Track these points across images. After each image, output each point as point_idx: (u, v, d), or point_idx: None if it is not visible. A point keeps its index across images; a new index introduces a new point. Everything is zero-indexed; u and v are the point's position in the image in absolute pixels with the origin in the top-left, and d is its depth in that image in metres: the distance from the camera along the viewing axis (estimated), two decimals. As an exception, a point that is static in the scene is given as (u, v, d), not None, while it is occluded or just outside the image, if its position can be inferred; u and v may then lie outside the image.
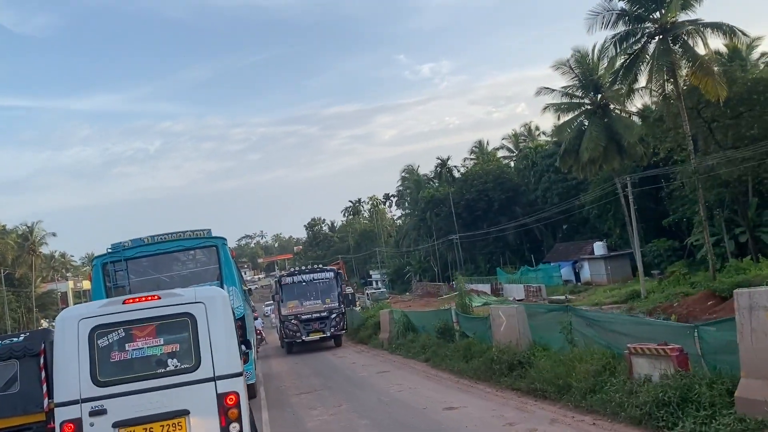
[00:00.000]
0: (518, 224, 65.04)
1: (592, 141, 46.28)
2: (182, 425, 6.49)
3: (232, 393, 6.64)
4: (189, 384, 6.61)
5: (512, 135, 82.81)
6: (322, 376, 19.42)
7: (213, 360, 6.69)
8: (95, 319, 6.64)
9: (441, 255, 74.17)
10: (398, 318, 25.22)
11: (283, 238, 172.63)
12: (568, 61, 48.87)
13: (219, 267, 13.67)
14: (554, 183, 64.15)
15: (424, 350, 20.29)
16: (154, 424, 6.43)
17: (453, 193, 69.77)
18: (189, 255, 14.52)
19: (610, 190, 55.20)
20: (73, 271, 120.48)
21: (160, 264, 13.91)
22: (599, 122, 47.38)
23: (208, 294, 7.16)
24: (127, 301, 6.90)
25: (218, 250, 13.70)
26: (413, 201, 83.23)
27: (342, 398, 14.55)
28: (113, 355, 6.62)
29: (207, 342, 6.72)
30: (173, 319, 6.82)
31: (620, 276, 52.56)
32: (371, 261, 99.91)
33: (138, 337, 6.68)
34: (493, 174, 67.76)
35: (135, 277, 13.05)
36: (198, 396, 6.59)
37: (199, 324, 6.77)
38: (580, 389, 10.17)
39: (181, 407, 6.52)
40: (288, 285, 29.17)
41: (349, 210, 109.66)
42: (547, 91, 49.85)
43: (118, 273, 12.81)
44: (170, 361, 6.70)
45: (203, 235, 13.64)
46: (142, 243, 13.31)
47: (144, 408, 6.45)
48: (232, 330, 7.06)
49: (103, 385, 6.46)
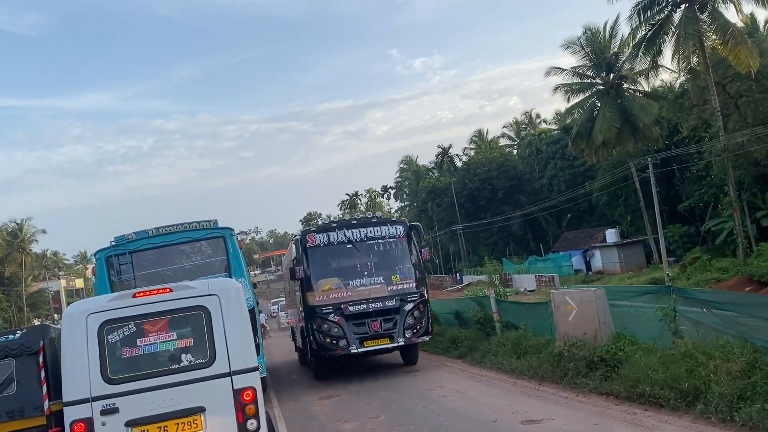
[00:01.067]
0: (523, 213, 62.34)
1: (605, 122, 43.60)
2: (198, 423, 6.13)
3: (248, 388, 6.28)
4: (204, 380, 6.23)
5: (513, 123, 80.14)
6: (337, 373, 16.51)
7: (228, 354, 6.30)
8: (105, 314, 6.27)
9: (443, 246, 71.35)
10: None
11: (279, 234, 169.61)
12: (579, 39, 46.23)
13: (227, 258, 12.94)
14: (561, 170, 61.45)
15: (456, 345, 17.51)
16: (168, 423, 6.06)
17: (455, 182, 66.89)
18: (195, 247, 13.86)
19: (621, 176, 52.70)
20: (65, 269, 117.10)
21: (166, 256, 13.32)
22: (613, 103, 44.68)
23: (222, 286, 6.70)
24: (137, 294, 6.49)
25: (226, 241, 12.97)
26: (412, 192, 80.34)
27: (377, 406, 11.69)
28: (124, 351, 6.26)
29: (222, 336, 6.31)
30: (186, 313, 6.44)
31: (634, 264, 49.89)
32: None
33: (150, 332, 6.31)
34: (497, 162, 64.93)
35: (140, 271, 12.50)
36: (214, 392, 6.21)
37: (214, 317, 6.37)
38: (722, 396, 7.36)
39: (197, 404, 6.16)
40: (320, 249, 15.21)
41: (346, 203, 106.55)
42: (557, 71, 47.21)
43: (122, 266, 12.19)
44: (184, 357, 6.32)
45: (210, 225, 13.00)
46: (146, 235, 12.62)
47: (158, 406, 6.08)
48: (247, 323, 6.59)
49: (115, 382, 6.10)
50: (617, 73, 45.41)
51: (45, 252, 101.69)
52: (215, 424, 6.17)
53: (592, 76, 46.82)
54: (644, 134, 44.17)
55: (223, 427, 6.18)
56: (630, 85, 45.26)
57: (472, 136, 79.55)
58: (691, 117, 35.85)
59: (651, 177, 37.25)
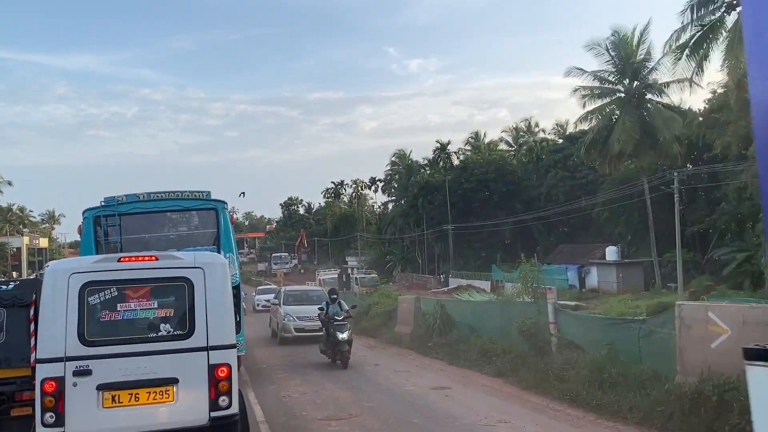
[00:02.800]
0: (516, 220, 58.91)
1: (624, 132, 40.28)
2: (170, 393, 5.92)
3: (224, 365, 6.07)
4: (180, 351, 6.02)
5: (512, 129, 76.67)
6: (349, 387, 12.66)
7: (207, 329, 6.10)
8: (88, 275, 6.03)
9: (429, 246, 67.64)
10: (430, 310, 18.56)
11: (255, 217, 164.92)
12: (605, 41, 42.87)
13: (217, 232, 12.42)
14: (561, 180, 58.09)
15: (488, 358, 13.77)
16: (140, 390, 5.86)
17: (450, 180, 63.18)
18: (185, 217, 13.28)
19: (626, 193, 49.62)
20: (30, 227, 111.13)
21: (155, 223, 12.82)
22: (634, 112, 41.41)
23: (207, 260, 6.53)
24: (122, 259, 6.33)
25: (218, 214, 12.46)
26: (402, 187, 76.42)
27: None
28: (103, 315, 6.05)
29: (203, 310, 6.15)
30: (169, 283, 6.24)
31: (631, 286, 46.56)
32: (349, 247, 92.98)
33: (131, 297, 6.09)
34: (496, 164, 61.43)
35: (127, 235, 11.97)
36: (189, 365, 6.01)
37: (196, 290, 6.19)
38: None
39: (171, 375, 5.94)
40: None
41: (330, 192, 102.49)
42: (578, 72, 43.75)
43: (110, 228, 11.71)
44: (163, 326, 6.12)
45: (202, 197, 12.51)
46: (137, 199, 12.12)
47: (131, 372, 5.85)
48: (229, 300, 6.39)
49: (91, 344, 5.88)
50: (642, 81, 42.15)
51: (11, 206, 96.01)
52: (187, 397, 5.97)
53: (613, 82, 43.50)
54: (664, 149, 40.95)
55: (194, 400, 5.98)
56: (654, 95, 42.02)
57: (469, 137, 76.11)
58: (728, 133, 32.52)
59: (675, 195, 34.01)
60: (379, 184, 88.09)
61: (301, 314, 20.30)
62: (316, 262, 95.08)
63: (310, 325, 19.59)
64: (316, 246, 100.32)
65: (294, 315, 20.42)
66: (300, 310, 20.61)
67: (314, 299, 21.09)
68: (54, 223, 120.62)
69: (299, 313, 20.41)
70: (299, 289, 25.73)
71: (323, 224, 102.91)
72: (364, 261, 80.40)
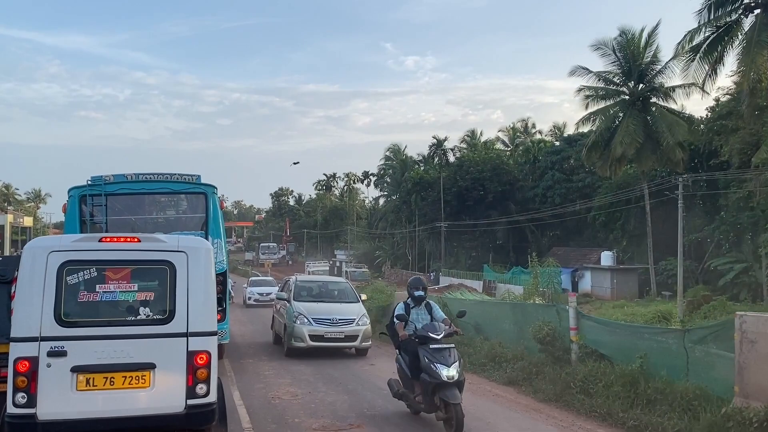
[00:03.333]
0: (511, 220, 57.82)
1: (628, 135, 39.26)
2: (146, 379, 5.74)
3: (203, 352, 5.87)
4: (159, 336, 5.84)
5: (509, 129, 75.71)
6: (345, 390, 11.39)
7: (188, 315, 5.91)
8: (67, 254, 5.83)
9: (420, 243, 66.47)
10: (431, 307, 17.29)
11: (244, 206, 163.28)
12: (612, 41, 41.75)
13: (206, 217, 12.09)
14: (558, 182, 57.07)
15: (497, 364, 12.58)
16: (116, 374, 5.67)
17: (445, 177, 61.96)
18: (174, 200, 13.23)
19: (623, 198, 48.66)
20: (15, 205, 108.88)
21: (142, 205, 12.68)
22: (638, 115, 40.40)
23: (191, 244, 6.29)
24: (104, 239, 6.15)
25: (207, 199, 12.12)
26: (395, 182, 75.13)
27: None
28: (81, 295, 5.81)
29: (184, 295, 5.95)
30: (151, 266, 6.06)
31: (625, 292, 45.66)
32: (338, 240, 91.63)
33: (111, 279, 5.87)
34: (492, 163, 60.23)
35: (112, 215, 11.71)
36: (167, 350, 5.82)
37: (178, 275, 5.99)
38: None
39: (148, 360, 5.76)
40: None
41: (322, 183, 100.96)
42: (583, 72, 42.63)
43: (95, 208, 11.44)
44: (142, 310, 5.92)
45: (192, 180, 12.16)
46: (124, 179, 11.83)
47: (107, 355, 5.66)
48: (212, 286, 6.20)
49: (67, 325, 5.69)
50: (648, 84, 41.13)
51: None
52: (163, 383, 5.76)
53: (618, 83, 42.45)
54: (666, 155, 39.92)
55: (171, 386, 5.77)
56: (660, 99, 41.00)
57: (465, 135, 75.01)
58: (736, 139, 31.55)
59: (679, 201, 32.88)
60: (371, 179, 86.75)
61: (319, 315, 14.95)
62: (304, 254, 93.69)
63: (332, 332, 14.78)
64: (305, 238, 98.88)
65: (310, 316, 14.85)
66: (318, 309, 15.21)
67: (336, 295, 16.77)
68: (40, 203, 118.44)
69: (317, 314, 14.94)
70: (317, 280, 19.73)
71: (313, 216, 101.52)
72: (353, 255, 79.13)
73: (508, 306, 14.35)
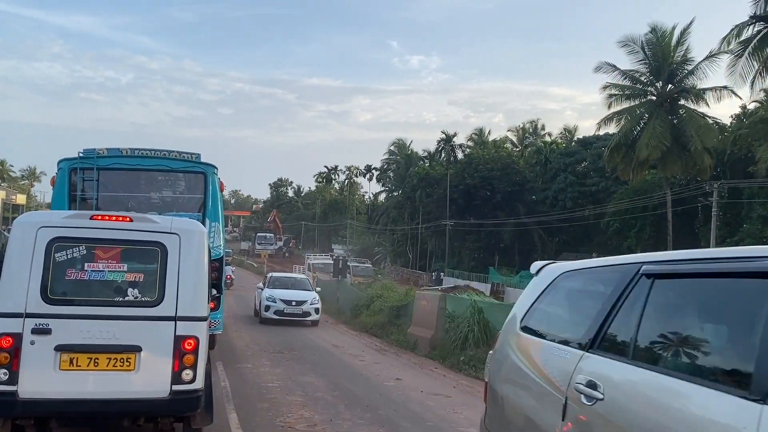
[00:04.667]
0: (518, 222, 55.28)
1: (654, 137, 36.67)
2: (131, 361, 5.54)
3: (191, 337, 5.64)
4: (146, 319, 5.64)
5: (518, 129, 73.20)
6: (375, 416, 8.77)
7: (178, 299, 5.69)
8: (57, 230, 5.65)
9: (422, 241, 63.85)
10: (463, 313, 14.72)
11: (242, 196, 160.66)
12: (641, 38, 39.19)
13: (204, 198, 11.21)
14: (571, 185, 54.51)
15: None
16: (100, 355, 5.48)
17: (452, 174, 59.31)
18: (171, 179, 12.15)
19: (639, 204, 46.22)
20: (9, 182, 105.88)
21: (136, 183, 11.79)
22: (665, 117, 37.83)
23: (185, 226, 6.06)
24: (95, 217, 5.94)
25: (206, 179, 11.27)
26: (399, 177, 72.44)
27: None
28: (69, 273, 5.64)
29: (174, 278, 5.71)
30: (142, 246, 5.84)
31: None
32: (335, 234, 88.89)
33: (100, 258, 5.68)
34: (503, 162, 57.60)
35: (104, 192, 10.84)
36: (154, 334, 5.63)
37: (170, 257, 5.76)
38: None
39: (134, 342, 5.55)
40: None
41: (323, 176, 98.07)
42: (609, 69, 40.04)
43: (86, 182, 10.57)
44: (131, 291, 5.70)
45: (192, 158, 11.42)
46: (119, 154, 11.05)
47: (93, 336, 5.48)
48: (204, 270, 5.98)
49: (53, 302, 5.49)
50: (678, 85, 38.58)
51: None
52: (149, 367, 5.56)
53: (646, 83, 39.90)
54: (694, 160, 37.37)
55: (156, 371, 5.57)
56: (689, 102, 38.44)
57: (472, 133, 72.42)
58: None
59: (713, 209, 30.42)
60: (374, 173, 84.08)
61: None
62: (301, 247, 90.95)
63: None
64: (302, 230, 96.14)
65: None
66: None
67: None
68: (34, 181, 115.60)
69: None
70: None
71: (312, 209, 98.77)
72: (351, 250, 76.43)
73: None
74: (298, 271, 46.61)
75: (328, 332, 20.05)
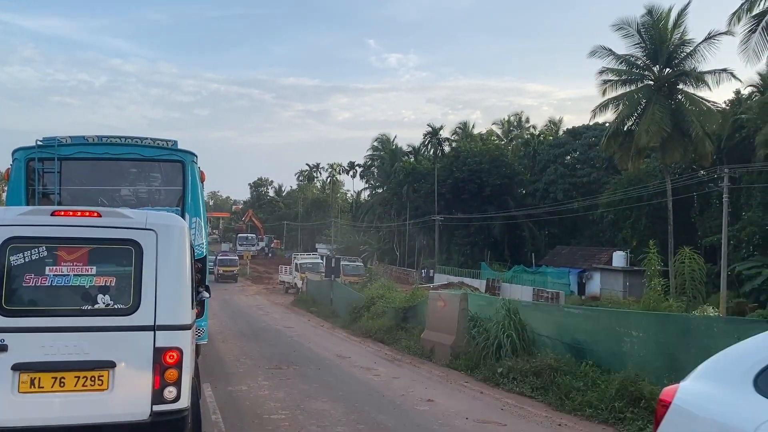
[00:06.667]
0: (509, 215, 53.33)
1: (654, 123, 34.85)
2: (104, 380, 4.77)
3: (173, 349, 4.88)
4: (120, 330, 4.87)
5: (504, 121, 71.29)
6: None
7: (156, 305, 4.93)
8: (11, 229, 4.91)
9: (410, 237, 61.62)
10: (493, 315, 12.50)
11: (220, 197, 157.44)
12: (637, 21, 37.31)
13: (183, 190, 9.92)
14: (561, 176, 52.67)
15: (644, 410, 7.80)
16: (67, 374, 4.70)
17: (439, 168, 57.16)
18: (144, 169, 10.68)
19: (634, 195, 44.51)
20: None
21: (105, 174, 10.33)
22: (664, 102, 36.02)
23: (162, 221, 5.27)
24: (57, 213, 5.14)
25: (185, 169, 9.90)
26: (384, 173, 70.11)
27: None
28: (28, 279, 4.86)
29: (152, 281, 4.95)
30: (113, 245, 5.05)
31: (637, 295, 41.41)
32: (319, 233, 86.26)
33: (64, 260, 4.91)
34: (491, 155, 55.58)
35: (68, 185, 9.68)
36: (130, 346, 4.87)
37: (146, 257, 5.00)
38: None
39: (106, 357, 4.79)
40: None
41: (305, 174, 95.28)
42: (604, 53, 38.11)
43: (46, 174, 9.36)
44: (101, 298, 4.92)
45: (168, 145, 10.00)
46: (84, 141, 9.71)
47: (57, 351, 4.71)
48: (186, 271, 5.22)
49: (9, 314, 4.74)
50: (676, 69, 36.79)
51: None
52: (125, 385, 4.79)
53: (642, 67, 38.07)
54: (695, 146, 35.66)
55: (133, 390, 4.80)
56: (689, 86, 36.68)
57: (456, 127, 70.41)
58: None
59: (725, 195, 28.62)
60: (358, 169, 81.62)
61: None
62: (283, 247, 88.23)
63: None
64: (284, 230, 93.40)
65: None
66: None
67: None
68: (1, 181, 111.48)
69: None
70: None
71: (293, 208, 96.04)
72: (336, 249, 73.93)
73: (647, 319, 9.45)
74: (285, 272, 44.11)
75: (327, 339, 17.72)
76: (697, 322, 8.59)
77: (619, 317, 10.16)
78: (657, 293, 12.12)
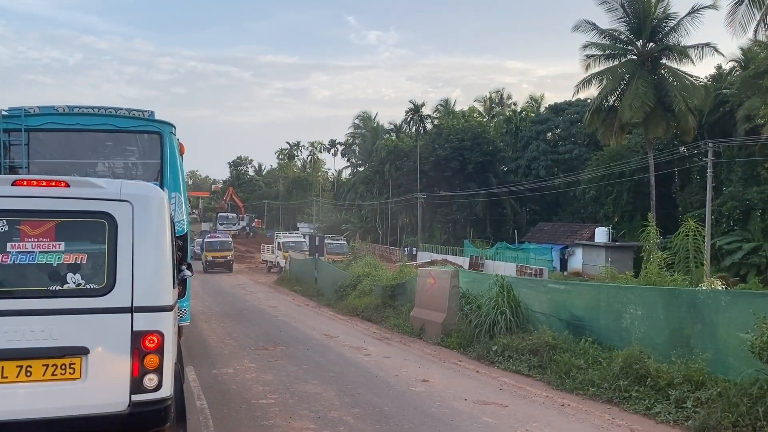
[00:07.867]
0: (491, 193, 53.09)
1: (638, 98, 34.68)
2: (75, 368, 4.31)
3: (153, 333, 4.42)
4: (94, 312, 4.38)
5: (485, 99, 70.75)
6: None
7: (133, 284, 4.44)
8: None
9: (392, 216, 61.18)
10: (486, 292, 12.11)
11: (200, 176, 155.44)
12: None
13: (161, 164, 9.16)
14: (543, 153, 52.41)
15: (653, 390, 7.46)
16: (34, 362, 4.26)
17: (422, 146, 56.60)
18: (119, 141, 9.86)
19: (615, 170, 44.43)
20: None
21: (77, 146, 9.60)
22: (648, 77, 35.80)
23: (138, 191, 4.73)
24: (19, 182, 4.59)
25: (163, 140, 9.10)
26: (365, 151, 69.40)
27: None
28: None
29: (128, 258, 4.46)
30: (84, 218, 4.55)
31: (619, 271, 41.46)
32: (300, 212, 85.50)
33: (28, 235, 4.43)
34: (474, 132, 55.09)
35: (36, 158, 8.95)
36: (104, 330, 4.39)
37: (120, 230, 4.49)
38: None
39: (78, 343, 4.33)
40: None
41: (285, 152, 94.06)
42: (588, 27, 37.66)
43: (12, 146, 8.59)
44: (71, 277, 4.43)
45: (144, 116, 9.12)
46: (53, 111, 8.89)
47: (22, 337, 4.25)
48: (167, 247, 4.72)
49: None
50: (660, 43, 36.48)
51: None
52: (100, 373, 4.32)
53: (626, 41, 37.72)
54: (678, 121, 35.59)
55: (110, 378, 4.34)
56: (672, 61, 36.43)
57: (438, 104, 69.77)
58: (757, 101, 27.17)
59: (709, 170, 28.54)
60: (339, 148, 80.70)
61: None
62: (264, 226, 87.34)
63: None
64: (265, 209, 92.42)
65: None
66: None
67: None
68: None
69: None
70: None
71: (274, 187, 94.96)
72: (318, 228, 73.31)
73: (651, 293, 9.08)
74: (267, 251, 43.43)
75: (313, 318, 17.26)
76: (704, 295, 8.27)
77: (621, 292, 9.79)
78: (658, 267, 11.74)
